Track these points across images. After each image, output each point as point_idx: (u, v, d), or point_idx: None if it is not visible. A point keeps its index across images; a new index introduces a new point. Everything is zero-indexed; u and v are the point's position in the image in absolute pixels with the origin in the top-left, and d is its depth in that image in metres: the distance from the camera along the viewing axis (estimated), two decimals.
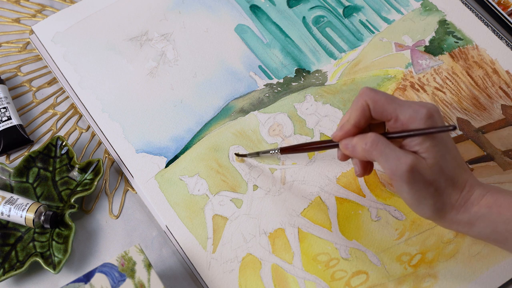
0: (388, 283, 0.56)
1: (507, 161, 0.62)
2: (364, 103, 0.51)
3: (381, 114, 0.51)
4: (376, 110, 0.51)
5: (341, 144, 0.53)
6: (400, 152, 0.49)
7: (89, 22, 0.69)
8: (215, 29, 0.69)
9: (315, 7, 0.71)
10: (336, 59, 0.68)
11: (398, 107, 0.50)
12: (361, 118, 0.51)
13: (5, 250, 0.57)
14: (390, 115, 0.50)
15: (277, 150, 0.59)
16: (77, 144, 0.65)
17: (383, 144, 0.49)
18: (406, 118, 0.50)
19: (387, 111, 0.50)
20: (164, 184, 0.61)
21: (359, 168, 0.54)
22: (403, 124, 0.50)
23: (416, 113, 0.49)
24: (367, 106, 0.51)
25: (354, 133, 0.52)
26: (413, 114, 0.49)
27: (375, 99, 0.51)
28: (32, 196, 0.60)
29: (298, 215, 0.59)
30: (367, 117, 0.51)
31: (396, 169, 0.49)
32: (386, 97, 0.51)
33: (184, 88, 0.66)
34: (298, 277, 0.56)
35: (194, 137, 0.63)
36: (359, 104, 0.51)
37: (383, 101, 0.50)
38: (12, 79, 0.68)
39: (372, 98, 0.51)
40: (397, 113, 0.50)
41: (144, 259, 0.51)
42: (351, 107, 0.52)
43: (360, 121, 0.51)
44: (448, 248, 0.57)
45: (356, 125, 0.51)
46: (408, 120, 0.50)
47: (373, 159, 0.50)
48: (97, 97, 0.65)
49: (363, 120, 0.51)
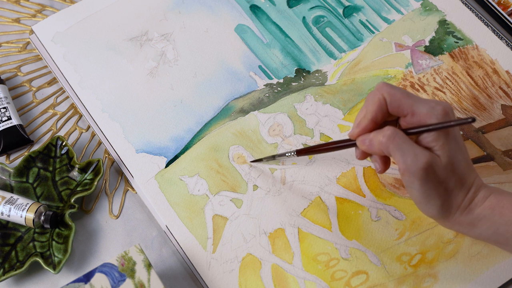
0: (388, 283, 0.56)
1: (507, 161, 0.62)
2: (381, 97, 0.51)
3: (397, 108, 0.51)
4: (393, 104, 0.51)
5: (358, 140, 0.52)
6: (417, 148, 0.49)
7: (89, 22, 0.69)
8: (215, 29, 0.69)
9: (315, 7, 0.71)
10: (336, 59, 0.68)
11: (414, 103, 0.50)
12: (378, 112, 0.51)
13: (5, 250, 0.57)
14: (407, 110, 0.50)
15: (293, 152, 0.59)
16: (77, 144, 0.65)
17: (401, 138, 0.49)
18: (423, 114, 0.50)
19: (404, 105, 0.50)
20: (164, 184, 0.61)
21: (380, 164, 0.54)
22: (420, 120, 0.50)
23: (432, 110, 0.50)
24: (384, 100, 0.51)
25: (371, 129, 0.52)
26: (430, 110, 0.50)
27: (391, 93, 0.51)
28: (32, 196, 0.60)
29: (298, 215, 0.59)
30: (384, 111, 0.51)
31: (412, 165, 0.49)
32: (403, 92, 0.51)
33: (184, 88, 0.66)
34: (298, 277, 0.56)
35: (194, 137, 0.63)
36: (376, 98, 0.51)
37: (399, 95, 0.51)
38: (12, 79, 0.68)
39: (389, 92, 0.51)
40: (414, 108, 0.50)
41: (144, 259, 0.51)
42: (366, 103, 0.52)
43: (377, 116, 0.51)
44: (448, 248, 0.57)
45: (373, 120, 0.51)
46: (425, 116, 0.50)
47: (389, 153, 0.50)
48: (97, 97, 0.65)
49: (380, 114, 0.51)
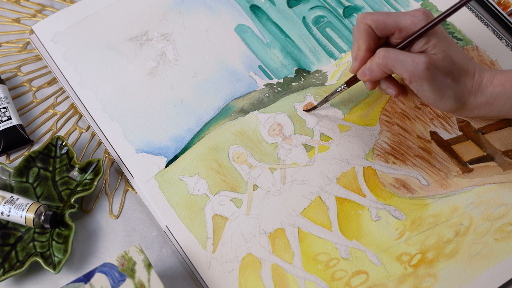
0: (388, 283, 0.56)
1: (507, 161, 0.62)
2: (366, 26, 0.55)
3: (384, 29, 0.55)
4: (378, 27, 0.55)
5: (358, 74, 0.56)
6: (413, 55, 0.53)
7: (89, 22, 0.69)
8: (215, 29, 0.69)
9: (315, 7, 0.71)
10: (336, 59, 0.68)
11: (397, 18, 0.54)
12: (370, 40, 0.55)
13: (5, 250, 0.57)
14: (393, 27, 0.54)
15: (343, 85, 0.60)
16: (77, 144, 0.65)
17: (394, 53, 0.53)
18: (408, 24, 0.54)
19: (389, 24, 0.54)
20: (164, 184, 0.61)
21: (392, 87, 0.57)
22: (408, 32, 0.54)
23: (414, 18, 0.54)
24: (370, 27, 0.55)
25: (368, 58, 0.55)
26: (413, 19, 0.54)
27: (374, 18, 0.55)
28: (32, 196, 0.60)
29: (298, 215, 0.59)
30: (374, 37, 0.55)
31: (414, 69, 0.52)
32: (383, 13, 0.55)
33: (184, 88, 0.66)
34: (298, 277, 0.56)
35: (194, 137, 0.63)
36: (362, 28, 0.55)
37: (382, 17, 0.55)
38: (12, 79, 0.68)
39: (371, 18, 0.55)
40: (398, 23, 0.54)
41: (144, 259, 0.51)
42: (354, 37, 0.56)
43: (370, 44, 0.55)
44: (448, 248, 0.57)
45: (368, 49, 0.55)
46: (410, 26, 0.54)
47: (390, 69, 0.54)
48: (97, 97, 0.65)
49: (372, 41, 0.55)
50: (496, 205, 0.59)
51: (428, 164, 0.61)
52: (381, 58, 0.54)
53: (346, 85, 0.60)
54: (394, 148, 0.62)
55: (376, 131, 0.63)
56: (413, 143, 0.63)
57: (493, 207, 0.59)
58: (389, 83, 0.57)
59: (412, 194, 0.60)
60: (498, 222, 0.58)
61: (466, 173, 0.61)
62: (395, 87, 0.57)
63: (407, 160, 0.62)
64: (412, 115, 0.64)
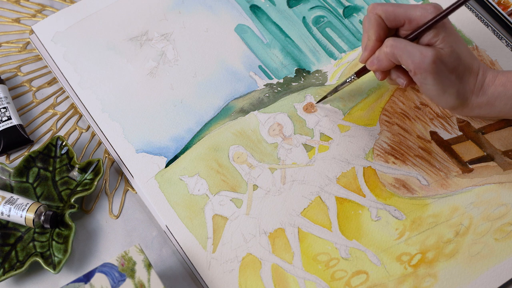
0: (388, 283, 0.56)
1: (507, 161, 0.62)
2: (377, 16, 0.55)
3: (394, 20, 0.55)
4: (389, 18, 0.55)
5: (366, 64, 0.57)
6: (421, 47, 0.53)
7: (89, 22, 0.69)
8: (215, 29, 0.69)
9: (315, 7, 0.71)
10: (336, 59, 0.68)
11: (407, 10, 0.55)
12: (380, 30, 0.55)
13: (5, 250, 0.57)
14: (403, 18, 0.55)
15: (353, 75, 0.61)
16: (77, 144, 0.65)
17: (402, 43, 0.53)
18: (418, 16, 0.54)
19: (399, 15, 0.55)
20: (164, 184, 0.61)
21: (403, 77, 0.57)
22: (417, 23, 0.54)
23: (425, 10, 0.54)
24: (380, 17, 0.55)
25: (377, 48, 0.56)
26: (423, 12, 0.54)
27: (384, 9, 0.55)
28: (32, 196, 0.60)
29: (298, 215, 0.59)
30: (384, 28, 0.55)
31: (421, 62, 0.52)
32: (393, 4, 0.55)
33: (184, 88, 0.66)
34: (298, 277, 0.56)
35: (194, 137, 0.63)
36: (373, 18, 0.55)
37: (392, 8, 0.55)
38: (12, 79, 0.68)
39: (382, 8, 0.55)
40: (408, 14, 0.54)
41: (144, 259, 0.51)
42: (364, 27, 0.56)
43: (380, 34, 0.55)
44: (448, 248, 0.57)
45: (378, 39, 0.55)
46: (420, 17, 0.54)
47: (397, 59, 0.54)
48: (97, 97, 0.65)
49: (382, 32, 0.55)
50: (496, 205, 0.59)
51: (428, 164, 0.61)
52: (388, 47, 0.54)
53: (356, 76, 0.61)
54: (394, 148, 0.62)
55: (376, 131, 0.63)
56: (413, 143, 0.63)
57: (493, 207, 0.59)
58: (399, 72, 0.57)
59: (412, 194, 0.60)
60: (498, 222, 0.58)
61: (466, 173, 0.61)
62: (405, 76, 0.57)
63: (407, 160, 0.62)
64: (412, 115, 0.64)
